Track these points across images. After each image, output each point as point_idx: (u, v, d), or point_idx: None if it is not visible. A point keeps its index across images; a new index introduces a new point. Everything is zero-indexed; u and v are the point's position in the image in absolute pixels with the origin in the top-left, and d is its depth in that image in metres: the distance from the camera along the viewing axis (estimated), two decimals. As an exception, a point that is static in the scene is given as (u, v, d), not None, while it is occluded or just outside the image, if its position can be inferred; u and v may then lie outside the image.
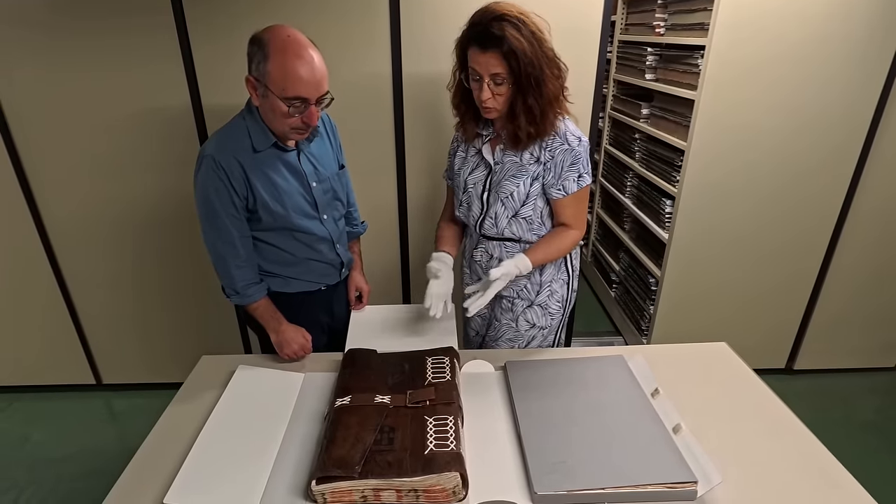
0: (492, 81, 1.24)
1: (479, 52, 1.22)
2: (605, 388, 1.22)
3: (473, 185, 1.44)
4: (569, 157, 1.33)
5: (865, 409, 2.38)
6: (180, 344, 2.40)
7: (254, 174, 1.30)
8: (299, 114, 1.23)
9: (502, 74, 1.22)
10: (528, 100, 1.25)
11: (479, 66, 1.23)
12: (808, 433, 1.14)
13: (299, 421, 1.18)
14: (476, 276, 1.56)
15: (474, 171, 1.44)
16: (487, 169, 1.41)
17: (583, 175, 1.36)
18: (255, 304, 1.42)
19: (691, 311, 2.42)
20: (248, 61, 1.23)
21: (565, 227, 1.41)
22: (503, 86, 1.24)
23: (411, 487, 0.95)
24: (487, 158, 1.40)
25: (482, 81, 1.24)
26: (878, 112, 2.05)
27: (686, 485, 0.96)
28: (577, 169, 1.34)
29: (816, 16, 1.89)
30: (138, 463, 1.10)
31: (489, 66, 1.22)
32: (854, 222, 2.26)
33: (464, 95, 1.36)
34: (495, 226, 1.42)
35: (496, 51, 1.19)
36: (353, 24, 1.85)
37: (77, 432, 2.28)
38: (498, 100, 1.26)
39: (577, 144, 1.33)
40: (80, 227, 2.14)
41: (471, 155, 1.45)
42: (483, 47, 1.21)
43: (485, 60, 1.21)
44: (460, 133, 1.48)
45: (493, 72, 1.22)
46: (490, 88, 1.25)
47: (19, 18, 1.80)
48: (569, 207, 1.38)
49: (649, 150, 2.56)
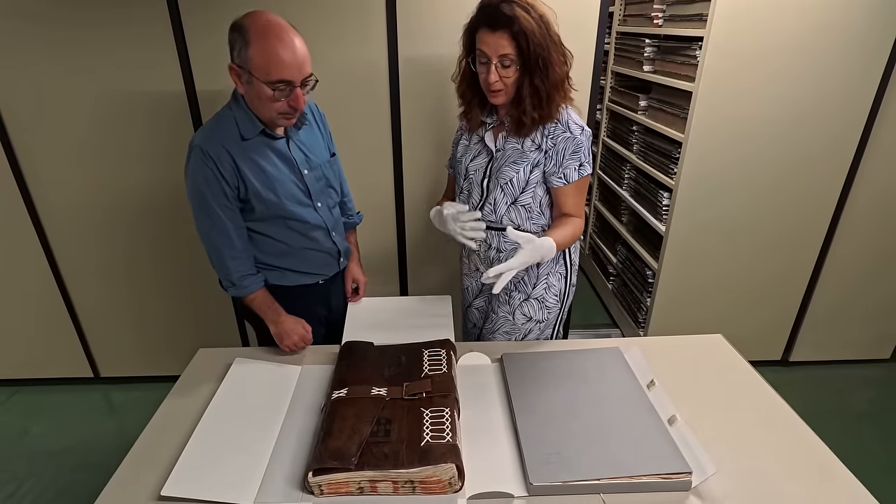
0: (500, 64, 1.25)
1: (488, 32, 1.24)
2: (601, 379, 1.23)
3: (475, 172, 1.45)
4: (571, 144, 1.33)
5: (860, 400, 2.39)
6: (177, 337, 2.40)
7: (243, 162, 1.29)
8: (285, 97, 1.22)
9: (511, 55, 1.23)
10: (534, 81, 1.26)
11: (488, 48, 1.24)
12: (802, 424, 1.15)
13: (296, 413, 1.18)
14: (474, 266, 1.56)
15: (476, 159, 1.45)
16: (489, 156, 1.42)
17: (584, 164, 1.36)
18: (253, 296, 1.42)
19: (688, 303, 2.42)
20: (230, 49, 1.22)
21: (569, 217, 1.40)
22: (511, 68, 1.25)
23: (407, 479, 0.96)
24: (489, 145, 1.42)
25: (490, 64, 1.26)
26: (875, 103, 2.04)
27: (681, 475, 0.97)
28: (579, 158, 1.34)
29: (815, 7, 1.88)
30: (136, 455, 1.10)
31: (498, 48, 1.23)
32: (851, 214, 2.26)
33: (470, 82, 1.37)
34: (494, 212, 1.42)
35: (506, 31, 1.21)
36: (348, 11, 1.84)
37: (75, 425, 2.28)
38: (505, 83, 1.28)
39: (579, 133, 1.33)
40: (76, 219, 2.14)
41: (473, 143, 1.47)
42: (493, 28, 1.23)
43: (494, 41, 1.23)
44: (465, 122, 1.49)
45: (501, 52, 1.23)
46: (498, 71, 1.26)
47: (13, 9, 1.79)
48: (570, 196, 1.38)
49: (647, 142, 2.55)
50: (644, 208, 2.54)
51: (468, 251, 1.57)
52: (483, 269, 1.53)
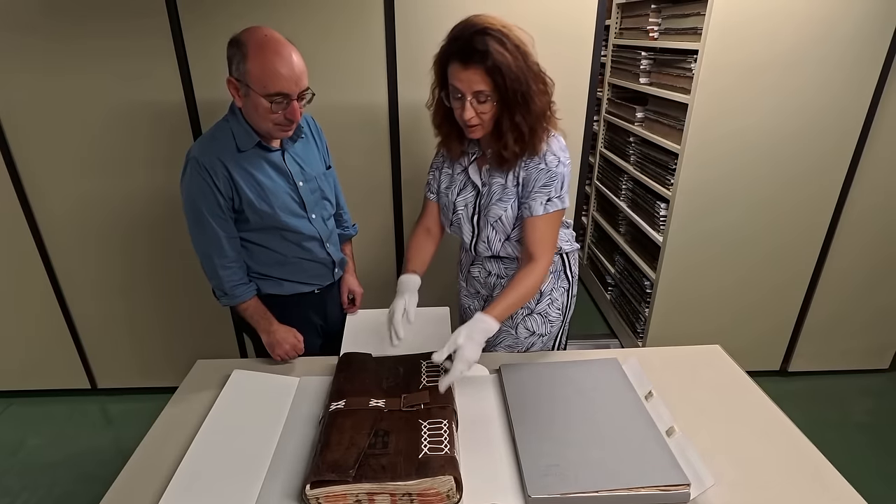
0: (475, 99, 1.17)
1: (460, 68, 1.15)
2: (599, 391, 1.23)
3: (463, 208, 1.39)
4: (542, 176, 1.26)
5: (859, 410, 2.39)
6: (175, 348, 2.39)
7: (238, 174, 1.31)
8: (282, 110, 1.24)
9: (486, 92, 1.15)
10: (515, 117, 1.18)
11: (462, 84, 1.16)
12: (800, 435, 1.15)
13: (294, 425, 1.18)
14: (474, 289, 1.56)
15: (462, 193, 1.38)
16: (475, 190, 1.36)
17: (553, 199, 1.27)
18: (245, 305, 1.43)
19: (686, 314, 2.42)
20: (229, 63, 1.25)
21: (527, 266, 1.30)
22: (487, 104, 1.17)
23: (405, 491, 0.96)
24: (475, 180, 1.35)
25: (464, 100, 1.17)
26: (870, 115, 2.06)
27: (679, 487, 0.96)
28: (549, 192, 1.26)
29: (808, 21, 1.91)
30: (133, 467, 1.09)
31: (472, 84, 1.15)
32: (847, 225, 2.27)
33: (445, 114, 1.29)
34: (489, 248, 1.41)
35: (479, 66, 1.12)
36: (347, 28, 1.86)
37: (72, 437, 2.27)
38: (482, 118, 1.20)
39: (555, 165, 1.26)
40: (75, 229, 2.14)
41: (457, 173, 1.39)
42: (465, 63, 1.14)
43: (467, 77, 1.14)
44: (444, 152, 1.41)
45: (476, 89, 1.15)
46: (473, 107, 1.17)
47: (14, 22, 1.80)
48: (534, 231, 1.29)
49: (644, 153, 2.57)
50: (641, 219, 2.56)
51: (465, 276, 1.56)
52: (484, 292, 1.54)
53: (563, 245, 1.45)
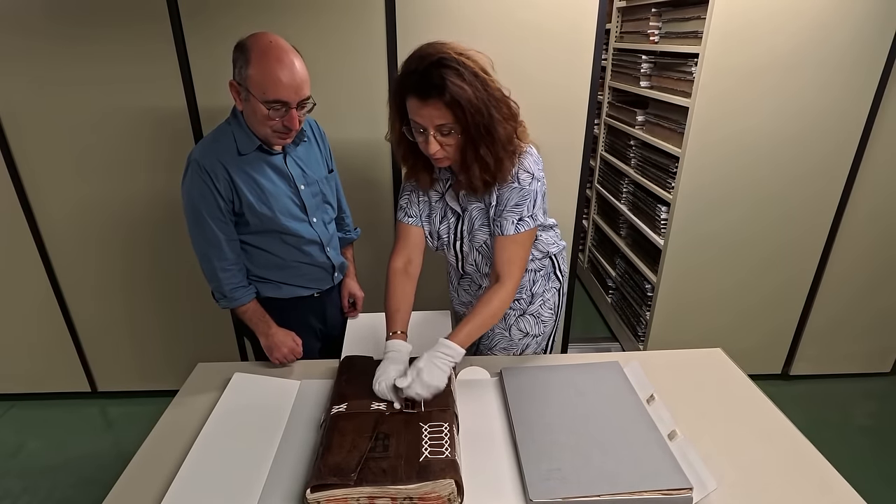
0: (438, 133, 1.12)
1: (419, 104, 1.10)
2: (600, 394, 1.23)
3: (446, 235, 1.36)
4: (515, 196, 1.22)
5: (861, 414, 2.38)
6: (176, 351, 2.39)
7: (239, 177, 1.31)
8: (280, 117, 1.24)
9: (448, 124, 1.11)
10: (479, 150, 1.14)
11: (422, 119, 1.11)
12: (802, 438, 1.14)
13: (295, 428, 1.18)
14: (466, 299, 1.56)
15: (444, 220, 1.35)
16: (455, 215, 1.34)
17: (525, 219, 1.23)
18: (244, 308, 1.43)
19: (687, 317, 2.42)
20: (233, 67, 1.26)
21: (493, 287, 1.26)
22: (451, 136, 1.13)
23: (407, 495, 0.95)
24: (453, 206, 1.32)
25: (427, 134, 1.12)
26: (870, 118, 2.06)
27: (681, 491, 0.96)
28: (521, 211, 1.23)
29: (809, 23, 1.91)
30: (133, 471, 1.09)
31: (433, 118, 1.10)
32: (849, 227, 2.27)
33: (409, 146, 1.24)
34: (478, 270, 1.42)
35: (438, 100, 1.07)
36: (348, 31, 1.86)
37: (72, 440, 2.26)
38: (448, 150, 1.15)
39: (528, 182, 1.22)
40: (76, 232, 2.14)
41: (434, 201, 1.35)
42: (423, 98, 1.09)
43: (427, 113, 1.10)
44: (415, 183, 1.34)
45: (437, 123, 1.11)
46: (437, 140, 1.13)
47: (17, 25, 1.81)
48: (504, 251, 1.25)
49: (644, 156, 2.57)
50: (642, 222, 2.56)
51: (456, 288, 1.56)
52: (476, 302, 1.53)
53: (550, 248, 1.44)
